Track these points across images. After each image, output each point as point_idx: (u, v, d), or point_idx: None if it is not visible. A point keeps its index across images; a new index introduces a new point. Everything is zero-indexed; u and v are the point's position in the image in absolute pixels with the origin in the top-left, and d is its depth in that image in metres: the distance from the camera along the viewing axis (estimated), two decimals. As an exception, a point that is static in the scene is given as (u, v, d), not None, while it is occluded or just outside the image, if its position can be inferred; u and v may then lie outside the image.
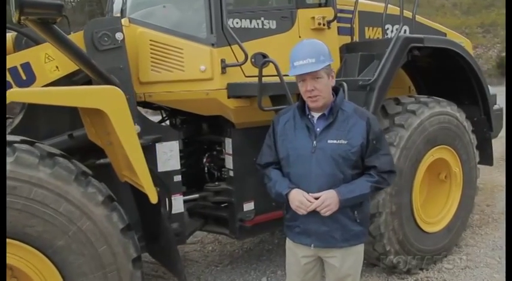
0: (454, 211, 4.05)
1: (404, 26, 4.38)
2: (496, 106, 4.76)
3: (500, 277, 3.72)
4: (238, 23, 3.28)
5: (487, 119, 4.33)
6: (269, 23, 3.42)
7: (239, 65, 3.15)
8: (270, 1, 3.89)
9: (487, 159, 4.46)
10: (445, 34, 4.85)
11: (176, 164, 3.32)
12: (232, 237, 3.74)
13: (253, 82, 3.08)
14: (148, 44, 3.16)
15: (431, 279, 3.79)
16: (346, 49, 3.97)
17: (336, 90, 2.39)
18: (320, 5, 3.71)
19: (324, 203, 2.21)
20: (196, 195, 3.71)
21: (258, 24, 3.38)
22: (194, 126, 3.84)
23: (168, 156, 3.29)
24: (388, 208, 3.46)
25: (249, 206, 3.59)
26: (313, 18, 3.60)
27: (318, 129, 2.31)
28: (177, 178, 3.34)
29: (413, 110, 3.62)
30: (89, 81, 2.88)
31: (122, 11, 3.37)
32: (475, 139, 4.22)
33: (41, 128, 2.95)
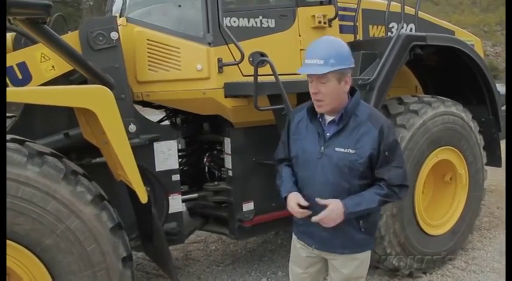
0: (460, 214, 3.95)
1: (410, 24, 4.31)
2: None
3: (506, 282, 3.62)
4: (235, 22, 3.26)
5: (495, 120, 4.20)
6: (268, 22, 3.39)
7: (236, 64, 3.13)
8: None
9: (495, 160, 4.32)
10: (453, 32, 4.73)
11: (174, 163, 3.32)
12: (231, 237, 3.73)
13: (249, 82, 3.05)
14: (145, 43, 3.17)
15: (434, 283, 3.72)
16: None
17: (353, 92, 2.18)
18: (321, 3, 3.66)
19: (329, 216, 2.08)
20: (195, 194, 3.71)
21: (257, 23, 3.35)
22: (194, 125, 3.84)
23: (166, 155, 3.29)
24: (389, 210, 3.39)
25: (249, 206, 3.58)
26: (313, 16, 3.56)
27: (328, 134, 2.16)
28: (175, 177, 3.33)
29: (415, 110, 3.54)
30: (86, 80, 2.88)
31: (121, 11, 3.38)
32: (482, 140, 4.10)
33: (38, 127, 2.97)
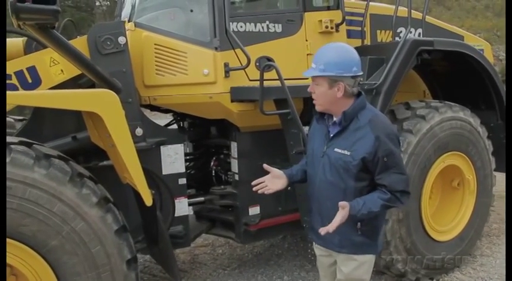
0: (467, 220, 3.91)
1: (419, 29, 4.30)
2: None
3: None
4: (242, 27, 3.28)
5: (504, 125, 4.16)
6: (275, 27, 3.41)
7: (242, 69, 3.16)
8: (278, 4, 3.86)
9: (505, 166, 4.28)
10: (463, 37, 4.70)
11: (181, 167, 3.34)
12: (237, 241, 3.74)
13: (255, 86, 3.07)
14: (153, 48, 3.21)
15: (441, 289, 3.70)
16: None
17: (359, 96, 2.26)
18: (328, 8, 3.67)
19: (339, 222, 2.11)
20: (202, 198, 3.72)
21: (263, 27, 3.37)
22: (202, 129, 3.86)
23: (173, 159, 3.31)
24: (395, 216, 3.37)
25: (255, 210, 3.58)
26: (320, 21, 3.57)
27: (331, 135, 2.27)
28: (182, 181, 3.36)
29: (422, 115, 3.52)
30: (94, 84, 2.93)
31: (130, 16, 3.43)
32: (491, 145, 4.07)
33: (47, 130, 3.02)
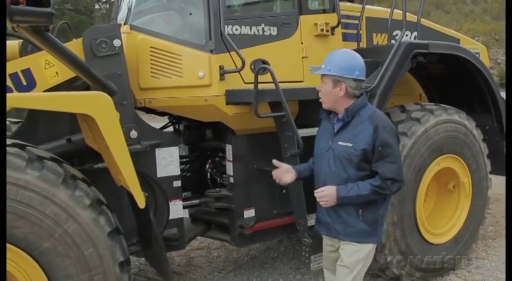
0: (463, 222, 3.92)
1: (415, 32, 4.30)
2: None
3: (509, 293, 3.57)
4: (237, 30, 3.29)
5: (500, 127, 4.17)
6: (270, 30, 3.42)
7: (237, 72, 3.16)
8: (274, 7, 3.87)
9: (500, 168, 4.28)
10: (459, 40, 4.72)
11: (176, 169, 3.34)
12: (232, 244, 3.73)
13: (250, 89, 3.07)
14: (148, 51, 3.21)
15: (436, 292, 3.69)
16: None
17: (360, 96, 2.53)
18: (324, 11, 3.68)
19: (321, 194, 2.43)
20: (197, 201, 3.72)
21: (259, 30, 3.38)
22: (197, 132, 3.86)
23: (168, 161, 3.31)
24: (390, 218, 3.38)
25: (250, 213, 3.58)
26: (316, 24, 3.57)
27: (335, 130, 2.52)
28: (177, 184, 3.35)
29: (417, 118, 3.53)
30: (89, 87, 2.93)
31: (126, 19, 3.43)
32: (487, 148, 4.07)
33: (42, 132, 3.02)
